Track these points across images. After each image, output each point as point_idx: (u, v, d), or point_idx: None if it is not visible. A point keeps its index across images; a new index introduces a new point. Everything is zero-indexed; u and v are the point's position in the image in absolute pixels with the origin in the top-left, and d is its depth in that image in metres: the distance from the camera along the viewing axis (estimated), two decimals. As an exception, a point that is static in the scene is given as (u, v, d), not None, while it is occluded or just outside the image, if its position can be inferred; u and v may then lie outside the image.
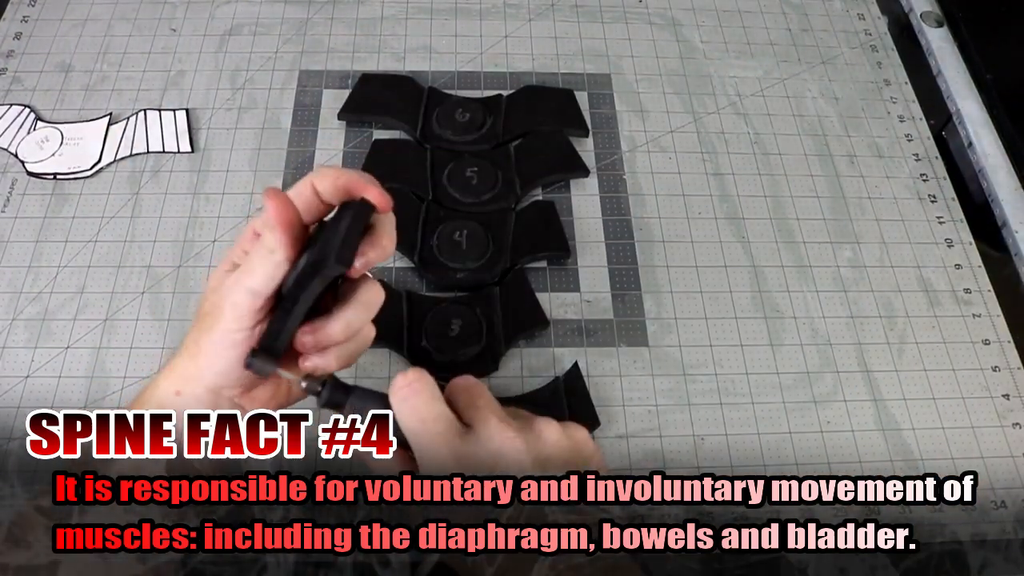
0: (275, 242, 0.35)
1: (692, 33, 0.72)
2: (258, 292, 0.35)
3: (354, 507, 0.37)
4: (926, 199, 0.63)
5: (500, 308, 0.54)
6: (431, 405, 0.35)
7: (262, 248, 0.35)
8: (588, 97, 0.67)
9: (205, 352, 0.36)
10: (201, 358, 0.36)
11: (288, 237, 0.35)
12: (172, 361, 0.38)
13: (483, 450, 0.34)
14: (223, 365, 0.36)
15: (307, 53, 0.68)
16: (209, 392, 0.37)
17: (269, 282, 0.35)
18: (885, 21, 0.75)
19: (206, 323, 0.36)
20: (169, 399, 0.37)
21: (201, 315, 0.37)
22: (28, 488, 0.47)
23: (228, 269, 0.37)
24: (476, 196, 0.59)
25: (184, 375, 0.37)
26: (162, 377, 0.38)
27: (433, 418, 0.35)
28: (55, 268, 0.56)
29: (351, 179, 0.36)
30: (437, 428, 0.35)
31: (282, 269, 0.35)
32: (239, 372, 0.36)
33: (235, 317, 0.35)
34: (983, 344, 0.56)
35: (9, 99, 0.64)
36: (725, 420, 0.52)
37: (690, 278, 0.58)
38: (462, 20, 0.71)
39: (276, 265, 0.35)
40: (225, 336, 0.36)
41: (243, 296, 0.35)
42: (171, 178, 0.60)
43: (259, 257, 0.35)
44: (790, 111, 0.67)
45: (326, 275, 0.35)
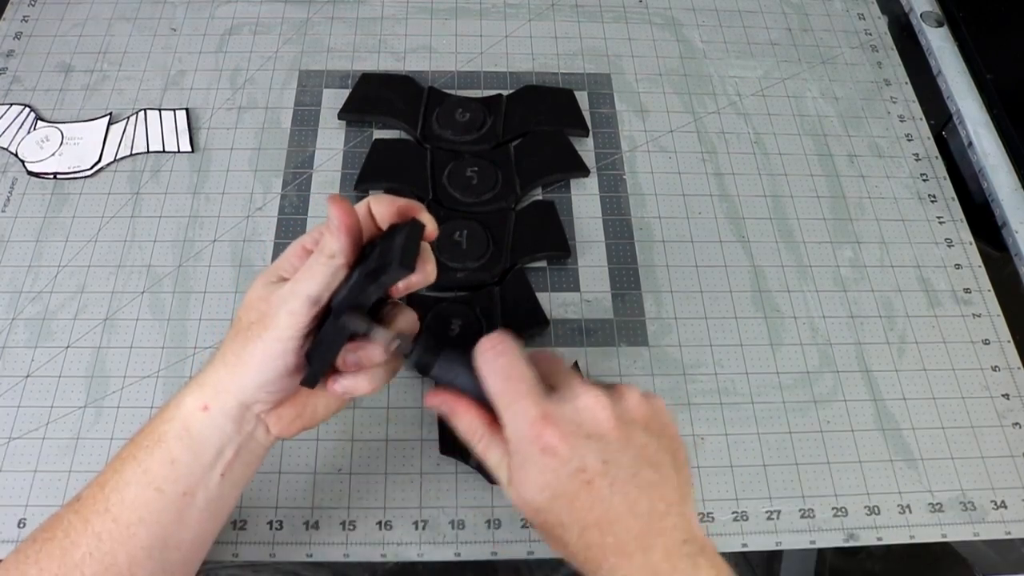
0: (338, 247, 0.36)
1: (692, 33, 0.72)
2: (316, 299, 0.36)
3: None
4: (926, 199, 0.63)
5: (500, 308, 0.54)
6: (516, 364, 0.36)
7: (321, 254, 0.36)
8: (588, 97, 0.67)
9: (248, 362, 0.37)
10: (242, 368, 0.37)
11: (351, 243, 0.36)
12: (201, 375, 0.38)
13: (568, 406, 0.35)
14: (268, 375, 0.37)
15: (307, 53, 0.68)
16: (240, 407, 0.37)
17: (327, 289, 0.36)
18: (885, 21, 0.75)
19: (252, 332, 0.37)
20: (195, 416, 0.37)
21: (244, 326, 0.37)
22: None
23: (273, 281, 0.38)
24: (476, 196, 0.59)
25: (216, 388, 0.37)
26: (187, 393, 0.38)
27: (519, 377, 0.36)
28: (55, 268, 0.56)
29: (407, 204, 0.38)
30: (523, 386, 0.36)
31: (340, 276, 0.36)
32: (280, 384, 0.37)
33: (291, 324, 0.36)
34: (983, 344, 0.56)
35: (9, 99, 0.64)
36: (725, 420, 0.52)
37: (690, 278, 0.58)
38: (462, 20, 0.71)
39: (336, 270, 0.36)
40: (276, 344, 0.36)
41: (300, 303, 0.36)
42: (171, 178, 0.60)
43: (319, 264, 0.36)
44: (790, 111, 0.67)
45: (387, 280, 0.36)
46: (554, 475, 0.34)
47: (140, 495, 0.37)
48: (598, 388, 0.36)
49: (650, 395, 0.37)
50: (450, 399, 0.38)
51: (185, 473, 0.37)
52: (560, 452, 0.34)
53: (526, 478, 0.35)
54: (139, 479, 0.37)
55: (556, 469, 0.34)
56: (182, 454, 0.37)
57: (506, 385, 0.36)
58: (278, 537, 0.47)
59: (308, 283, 0.36)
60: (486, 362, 0.37)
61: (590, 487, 0.34)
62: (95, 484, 0.38)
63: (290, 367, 0.37)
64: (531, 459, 0.35)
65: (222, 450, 0.38)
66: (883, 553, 0.50)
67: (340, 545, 0.47)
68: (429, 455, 0.50)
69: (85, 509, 0.37)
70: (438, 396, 0.39)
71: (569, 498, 0.35)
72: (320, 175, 0.61)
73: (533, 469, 0.35)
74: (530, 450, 0.35)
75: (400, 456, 0.50)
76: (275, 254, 0.57)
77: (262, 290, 0.38)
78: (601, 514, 0.34)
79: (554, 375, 0.37)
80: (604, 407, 0.35)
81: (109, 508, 0.37)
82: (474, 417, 0.38)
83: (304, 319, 0.36)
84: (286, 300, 0.36)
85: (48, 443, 0.49)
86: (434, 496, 0.48)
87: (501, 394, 0.36)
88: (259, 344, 0.36)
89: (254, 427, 0.39)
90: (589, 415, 0.35)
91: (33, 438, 0.49)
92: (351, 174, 0.61)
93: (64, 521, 0.37)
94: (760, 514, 0.49)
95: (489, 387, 0.36)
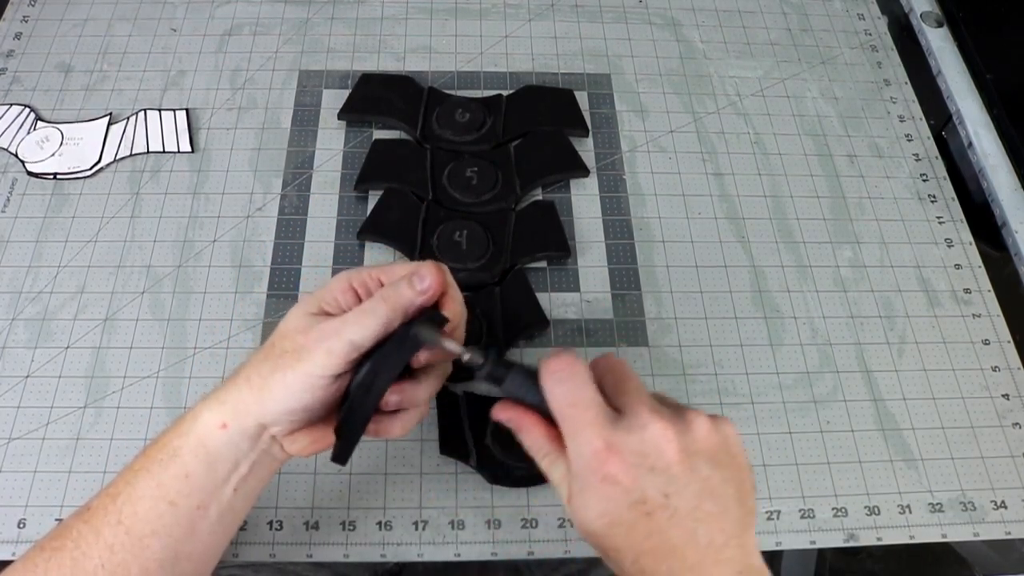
0: (401, 308, 0.37)
1: (692, 33, 0.72)
2: (359, 346, 0.36)
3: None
4: (926, 199, 0.63)
5: (500, 308, 0.54)
6: (584, 390, 0.36)
7: (379, 307, 0.37)
8: (588, 97, 0.67)
9: (274, 388, 0.36)
10: (267, 393, 0.37)
11: (419, 311, 0.37)
12: (222, 392, 0.38)
13: (634, 438, 0.34)
14: (292, 405, 0.37)
15: (307, 53, 0.68)
16: (259, 427, 0.37)
17: (372, 342, 0.37)
18: (885, 21, 0.74)
19: (285, 361, 0.36)
20: (213, 433, 0.37)
21: (276, 352, 0.37)
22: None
23: (314, 312, 0.38)
24: (476, 196, 0.59)
25: (237, 407, 0.37)
26: (205, 407, 0.38)
27: (585, 404, 0.35)
28: (55, 268, 0.56)
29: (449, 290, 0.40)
30: (588, 415, 0.35)
31: (386, 330, 0.37)
32: (303, 415, 0.37)
33: (327, 364, 0.36)
34: (983, 344, 0.56)
35: (9, 99, 0.64)
36: (725, 420, 0.52)
37: (690, 278, 0.58)
38: (462, 20, 0.71)
39: (388, 326, 0.37)
40: (307, 379, 0.36)
41: (342, 346, 0.36)
42: (171, 178, 0.60)
43: (374, 314, 0.37)
44: (790, 111, 0.67)
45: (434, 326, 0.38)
46: (614, 504, 0.34)
47: (154, 508, 0.36)
48: (666, 414, 0.35)
49: (719, 421, 0.36)
50: (518, 414, 0.38)
51: (199, 488, 0.37)
52: (622, 483, 0.34)
53: (586, 504, 0.35)
54: (153, 492, 0.37)
55: (616, 499, 0.34)
56: (197, 469, 0.37)
57: (572, 412, 0.35)
58: (278, 537, 0.47)
59: (357, 329, 0.36)
60: (553, 384, 0.36)
61: (649, 518, 0.34)
62: (106, 495, 0.37)
63: (316, 401, 0.37)
64: (592, 486, 0.35)
65: (237, 466, 0.38)
66: (883, 553, 0.50)
67: (340, 545, 0.47)
68: (429, 455, 0.50)
69: (96, 519, 0.37)
70: (507, 410, 0.38)
71: (627, 527, 0.34)
72: (320, 175, 0.61)
73: (593, 497, 0.35)
74: (592, 478, 0.35)
75: (400, 456, 0.50)
76: (275, 254, 0.57)
77: (302, 320, 0.37)
78: (658, 543, 0.34)
79: (621, 392, 0.37)
80: (670, 440, 0.34)
81: (122, 520, 0.36)
82: (541, 434, 0.37)
83: (341, 362, 0.36)
84: (328, 338, 0.36)
85: (48, 443, 0.49)
86: (434, 496, 0.48)
87: (566, 420, 0.36)
88: (290, 374, 0.36)
89: (270, 445, 0.38)
90: (654, 447, 0.34)
91: (33, 438, 0.49)
92: (351, 174, 0.61)
93: (73, 531, 0.37)
94: (760, 514, 0.49)
95: (555, 410, 0.36)
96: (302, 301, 0.39)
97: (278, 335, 0.38)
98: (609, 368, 0.38)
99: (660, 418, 0.35)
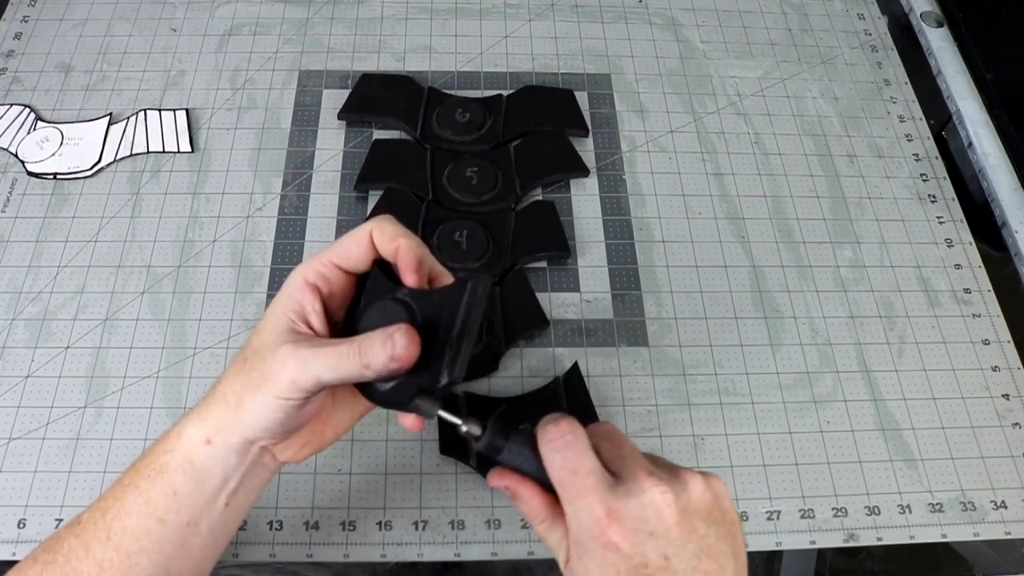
0: (381, 368, 0.35)
1: (692, 33, 0.72)
2: (324, 383, 0.36)
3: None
4: (926, 199, 0.63)
5: (500, 308, 0.54)
6: (584, 457, 0.36)
7: (354, 360, 0.35)
8: (588, 97, 0.67)
9: (248, 408, 0.36)
10: (243, 411, 0.36)
11: (400, 368, 0.36)
12: (203, 408, 0.37)
13: (634, 503, 0.35)
14: (267, 423, 0.36)
15: (307, 53, 0.68)
16: (244, 442, 0.37)
17: (337, 382, 0.36)
18: (885, 21, 0.75)
19: (252, 380, 0.36)
20: (198, 449, 0.37)
21: (247, 368, 0.36)
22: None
23: (283, 328, 0.37)
24: (476, 196, 0.59)
25: (219, 424, 0.37)
26: (189, 423, 0.37)
27: (586, 472, 0.36)
28: (55, 268, 0.56)
29: (407, 243, 0.38)
30: (589, 481, 0.35)
31: (356, 380, 0.36)
32: (284, 428, 0.37)
33: (292, 391, 0.35)
34: (983, 344, 0.56)
35: (9, 99, 0.64)
36: (725, 420, 0.52)
37: (690, 278, 0.58)
38: (462, 20, 0.71)
39: (355, 378, 0.36)
40: (276, 401, 0.36)
41: (307, 379, 0.35)
42: (171, 178, 0.60)
43: (344, 361, 0.35)
44: (790, 111, 0.67)
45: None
46: (614, 570, 0.35)
47: (142, 525, 0.36)
48: (663, 477, 0.36)
49: (711, 479, 0.37)
50: (514, 482, 0.38)
51: (188, 504, 0.37)
52: (623, 548, 0.34)
53: (587, 569, 0.35)
54: (141, 508, 0.36)
55: (616, 564, 0.35)
56: (185, 485, 0.37)
57: (572, 479, 0.36)
58: (278, 537, 0.47)
59: (325, 369, 0.35)
60: (551, 452, 0.36)
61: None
62: (96, 509, 0.37)
63: (291, 418, 0.36)
64: (592, 552, 0.35)
65: (227, 481, 0.37)
66: (883, 553, 0.50)
67: (340, 545, 0.47)
68: (429, 455, 0.50)
69: (86, 534, 0.36)
70: (503, 478, 0.38)
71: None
72: (320, 175, 0.61)
73: (593, 562, 0.35)
74: (593, 544, 0.35)
75: (400, 456, 0.50)
76: (275, 254, 0.57)
77: (270, 336, 0.37)
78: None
79: (617, 458, 0.37)
80: (669, 503, 0.35)
81: (111, 536, 0.36)
82: (539, 503, 0.37)
83: (306, 394, 0.36)
84: (293, 368, 0.35)
85: (48, 443, 0.49)
86: (434, 496, 0.48)
87: (566, 487, 0.36)
88: (258, 396, 0.36)
89: (260, 455, 0.38)
90: (654, 512, 0.35)
91: (33, 438, 0.49)
92: (351, 174, 0.61)
93: (65, 545, 0.37)
94: (760, 514, 0.49)
95: (553, 477, 0.36)
96: (272, 309, 0.38)
97: (250, 349, 0.37)
98: (606, 434, 0.38)
99: (658, 481, 0.35)
